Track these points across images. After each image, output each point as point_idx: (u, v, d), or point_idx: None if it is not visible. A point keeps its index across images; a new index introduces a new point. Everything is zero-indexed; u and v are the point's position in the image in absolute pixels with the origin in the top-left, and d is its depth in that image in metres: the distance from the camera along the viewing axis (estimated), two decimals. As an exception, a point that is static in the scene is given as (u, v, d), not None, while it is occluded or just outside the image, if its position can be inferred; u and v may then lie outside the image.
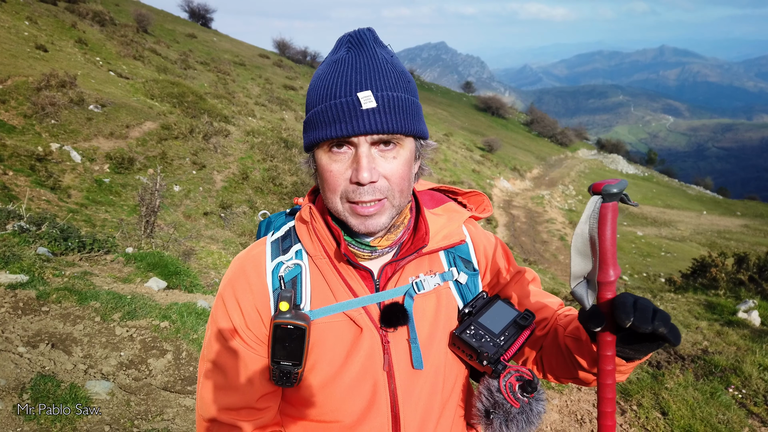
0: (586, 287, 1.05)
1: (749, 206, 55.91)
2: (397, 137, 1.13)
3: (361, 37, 1.16)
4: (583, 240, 1.03)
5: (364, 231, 1.19)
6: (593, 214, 1.01)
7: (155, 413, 3.65)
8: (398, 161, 1.15)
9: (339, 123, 1.10)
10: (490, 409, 1.19)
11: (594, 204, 1.01)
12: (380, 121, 1.09)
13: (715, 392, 4.62)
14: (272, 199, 16.64)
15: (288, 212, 1.47)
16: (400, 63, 1.19)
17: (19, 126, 13.52)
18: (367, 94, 1.09)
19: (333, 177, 1.15)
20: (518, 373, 1.18)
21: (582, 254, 1.05)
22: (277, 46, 58.25)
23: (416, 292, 1.29)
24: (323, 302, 1.26)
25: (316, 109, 1.14)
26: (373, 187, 1.14)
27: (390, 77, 1.13)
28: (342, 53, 1.15)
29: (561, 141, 74.11)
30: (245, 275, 1.29)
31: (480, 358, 1.22)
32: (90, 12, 29.46)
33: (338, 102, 1.10)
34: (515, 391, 1.16)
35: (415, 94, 1.20)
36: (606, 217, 0.99)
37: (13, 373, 3.56)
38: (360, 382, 1.25)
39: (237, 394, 1.27)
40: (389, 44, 1.22)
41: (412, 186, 1.24)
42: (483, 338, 1.25)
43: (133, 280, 5.90)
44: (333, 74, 1.13)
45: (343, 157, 1.14)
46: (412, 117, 1.15)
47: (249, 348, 1.27)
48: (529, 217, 32.69)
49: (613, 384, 1.06)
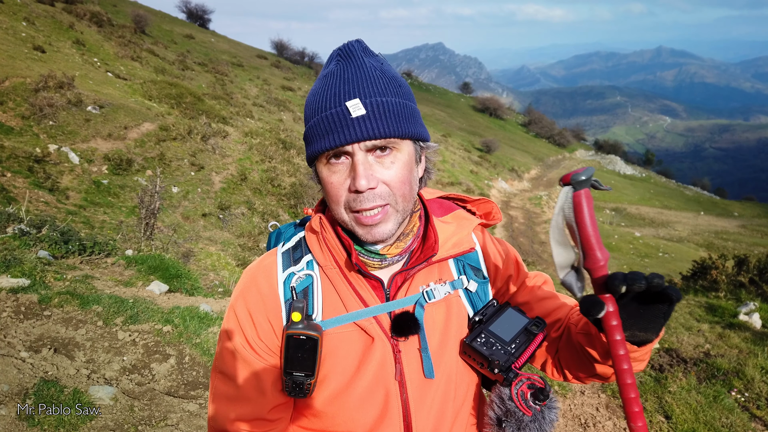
0: (575, 276, 1.05)
1: (746, 207, 56.13)
2: (393, 142, 1.13)
3: (349, 49, 1.17)
4: (559, 230, 1.05)
5: (371, 240, 1.19)
6: (567, 204, 1.02)
7: (159, 418, 3.64)
8: (396, 166, 1.15)
9: (331, 134, 1.11)
10: (502, 417, 1.18)
11: (566, 194, 1.02)
12: (371, 127, 1.09)
13: (718, 395, 4.62)
14: (271, 200, 16.62)
15: (298, 223, 1.48)
16: (390, 69, 1.20)
17: (17, 127, 13.48)
18: (355, 102, 1.10)
19: (334, 188, 1.16)
20: (530, 381, 1.17)
21: (562, 244, 1.06)
22: (275, 46, 58.21)
23: (426, 301, 1.28)
24: (334, 312, 1.26)
25: (310, 124, 1.16)
26: (373, 194, 1.13)
27: (378, 83, 1.13)
28: (332, 67, 1.17)
29: (559, 142, 74.19)
30: (257, 286, 1.29)
31: (491, 366, 1.22)
32: (87, 13, 29.40)
33: (328, 113, 1.11)
34: (527, 399, 1.15)
35: (409, 97, 1.19)
36: (581, 205, 1.00)
37: (16, 379, 3.55)
38: (372, 392, 1.25)
39: (249, 405, 1.27)
40: (379, 52, 1.22)
41: (415, 190, 1.24)
42: (494, 346, 1.25)
43: (134, 283, 5.88)
44: (324, 88, 1.15)
45: (342, 167, 1.15)
46: (405, 120, 1.14)
47: (261, 359, 1.26)
48: (527, 218, 32.71)
49: (631, 369, 1.01)
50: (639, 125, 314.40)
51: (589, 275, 1.03)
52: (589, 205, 1.01)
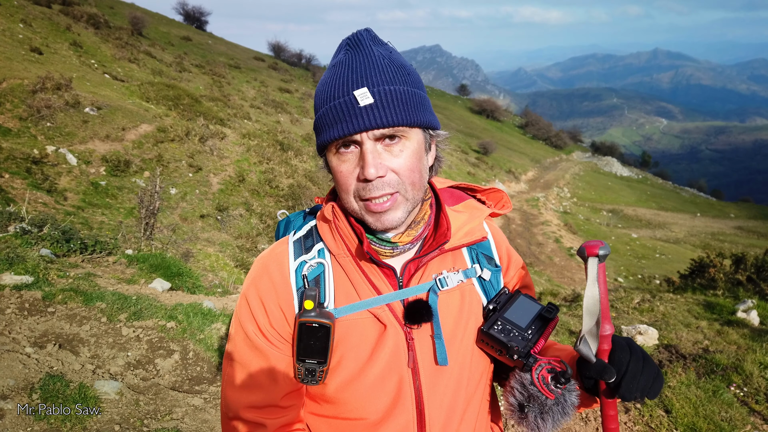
0: (587, 343, 1.15)
1: (743, 208, 56.28)
2: (401, 130, 1.14)
3: (358, 38, 1.17)
4: (594, 301, 1.14)
5: (381, 228, 1.19)
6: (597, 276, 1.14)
7: (164, 413, 3.66)
8: (405, 153, 1.15)
9: (340, 123, 1.12)
10: (525, 402, 1.19)
11: (596, 266, 1.14)
12: (379, 115, 1.10)
13: (717, 390, 4.65)
14: (269, 201, 16.61)
15: (308, 211, 1.48)
16: (400, 57, 1.20)
17: (14, 129, 13.47)
18: (363, 91, 1.10)
19: (343, 177, 1.17)
20: (550, 365, 1.18)
21: (592, 314, 1.15)
22: (272, 48, 58.25)
23: (440, 289, 1.29)
24: (347, 300, 1.27)
25: (319, 114, 1.17)
26: (382, 182, 1.14)
27: (387, 72, 1.13)
28: (341, 56, 1.17)
29: (556, 143, 74.38)
30: (269, 274, 1.30)
31: (510, 353, 1.22)
32: (84, 15, 29.38)
33: (337, 103, 1.12)
34: (548, 382, 1.16)
35: (418, 85, 1.19)
36: (601, 277, 1.13)
37: (22, 374, 3.57)
38: (385, 379, 1.26)
39: (261, 392, 1.28)
40: (389, 41, 1.22)
41: (425, 178, 1.24)
42: (511, 333, 1.26)
43: (137, 281, 5.89)
44: (332, 77, 1.16)
45: (351, 156, 1.16)
46: (414, 108, 1.14)
47: (273, 347, 1.28)
48: (524, 220, 32.78)
49: (618, 429, 1.19)
50: (635, 127, 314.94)
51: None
52: (605, 278, 1.14)
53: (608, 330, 1.13)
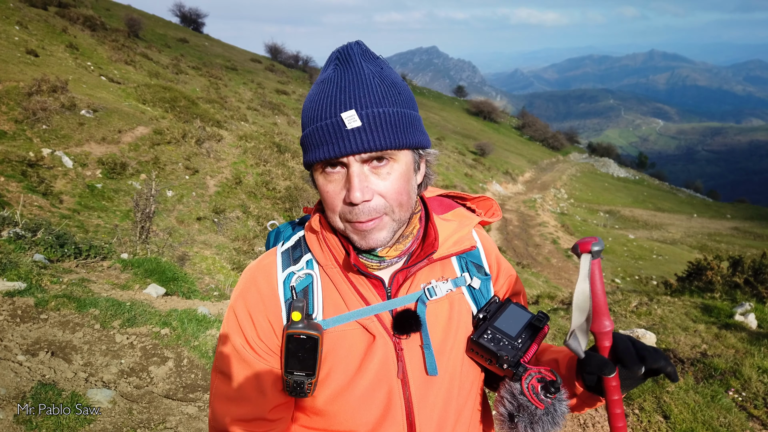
0: (577, 338, 1.15)
1: (739, 209, 56.51)
2: (389, 153, 1.11)
3: (347, 52, 1.14)
4: (585, 297, 1.15)
5: (365, 247, 1.18)
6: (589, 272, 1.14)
7: (158, 421, 3.62)
8: (393, 176, 1.13)
9: (326, 145, 1.09)
10: (515, 412, 1.18)
11: (588, 262, 1.13)
12: (366, 139, 1.07)
13: (715, 395, 4.63)
14: (266, 203, 16.57)
15: (297, 222, 1.47)
16: (391, 74, 1.17)
17: (10, 131, 13.41)
18: (350, 114, 1.07)
19: (330, 197, 1.16)
20: (540, 374, 1.17)
21: (582, 309, 1.15)
22: (269, 50, 58.29)
23: (428, 298, 1.27)
24: (335, 311, 1.25)
25: (306, 131, 1.15)
26: (368, 206, 1.12)
27: (376, 93, 1.10)
28: (329, 72, 1.14)
29: (553, 145, 74.55)
30: (256, 286, 1.28)
31: (500, 362, 1.22)
32: (81, 17, 29.34)
33: (323, 124, 1.09)
34: (538, 392, 1.15)
35: (409, 104, 1.17)
36: (595, 273, 1.13)
37: (13, 382, 3.52)
38: (374, 390, 1.24)
39: (249, 405, 1.26)
40: (380, 55, 1.19)
41: (413, 198, 1.22)
42: (501, 342, 1.25)
43: (131, 286, 5.85)
44: (320, 95, 1.13)
45: (337, 176, 1.14)
46: (403, 130, 1.12)
47: (261, 359, 1.26)
48: (521, 221, 32.81)
49: (625, 426, 1.17)
50: (632, 128, 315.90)
51: (594, 338, 1.17)
52: (601, 274, 1.14)
53: (608, 326, 1.13)
